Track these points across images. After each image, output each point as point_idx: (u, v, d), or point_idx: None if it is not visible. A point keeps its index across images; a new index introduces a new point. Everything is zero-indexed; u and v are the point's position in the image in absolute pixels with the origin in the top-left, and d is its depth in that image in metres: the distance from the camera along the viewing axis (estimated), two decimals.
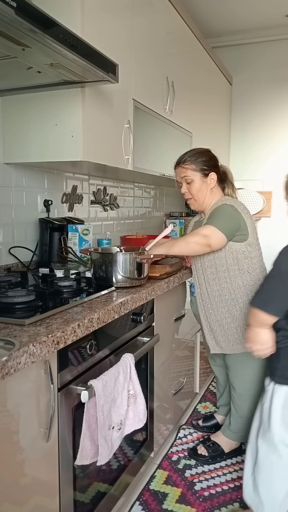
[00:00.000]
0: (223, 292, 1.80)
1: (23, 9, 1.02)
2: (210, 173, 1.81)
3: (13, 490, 0.98)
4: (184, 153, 1.87)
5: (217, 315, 1.84)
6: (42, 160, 1.73)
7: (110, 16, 1.78)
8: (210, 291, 1.84)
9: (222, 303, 1.81)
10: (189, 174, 1.82)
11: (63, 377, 1.15)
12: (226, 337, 1.84)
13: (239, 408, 1.93)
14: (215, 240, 1.66)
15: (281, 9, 3.30)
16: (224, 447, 1.99)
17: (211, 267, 1.81)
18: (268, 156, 3.92)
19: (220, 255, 1.77)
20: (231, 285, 1.78)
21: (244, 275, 1.77)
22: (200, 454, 1.98)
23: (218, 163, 1.87)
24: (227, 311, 1.81)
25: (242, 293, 1.78)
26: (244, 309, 1.78)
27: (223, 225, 1.68)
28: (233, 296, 1.79)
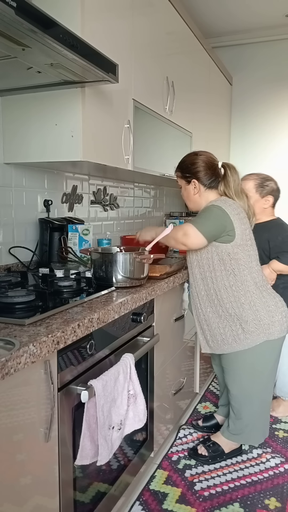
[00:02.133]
0: (209, 292, 1.82)
1: (23, 9, 1.02)
2: (192, 180, 1.83)
3: (13, 490, 0.98)
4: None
5: (205, 314, 1.86)
6: (42, 160, 1.73)
7: (110, 16, 1.78)
8: (198, 290, 1.86)
9: (209, 303, 1.83)
10: (178, 181, 1.92)
11: (63, 377, 1.15)
12: (214, 337, 1.85)
13: (236, 410, 1.93)
14: (192, 240, 1.68)
15: (281, 9, 3.30)
16: (224, 447, 1.99)
17: (198, 267, 1.83)
18: (268, 156, 3.91)
19: (207, 255, 1.78)
20: (217, 285, 1.79)
21: (230, 276, 1.76)
22: (200, 454, 1.97)
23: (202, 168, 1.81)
24: (214, 311, 1.82)
25: (227, 294, 1.77)
26: (230, 309, 1.78)
27: (205, 226, 1.69)
28: (219, 296, 1.79)
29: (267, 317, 1.77)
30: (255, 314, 1.76)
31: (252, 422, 1.92)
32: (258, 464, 1.96)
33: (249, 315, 1.76)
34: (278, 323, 1.79)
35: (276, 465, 1.96)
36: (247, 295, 1.76)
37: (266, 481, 1.85)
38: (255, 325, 1.76)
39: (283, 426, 2.31)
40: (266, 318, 1.77)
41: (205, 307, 1.85)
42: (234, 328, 1.79)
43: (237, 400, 1.91)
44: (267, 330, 1.77)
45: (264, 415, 1.94)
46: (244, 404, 1.89)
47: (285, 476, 1.88)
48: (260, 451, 2.06)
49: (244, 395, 1.88)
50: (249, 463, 1.98)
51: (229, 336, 1.80)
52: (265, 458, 2.01)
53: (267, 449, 2.08)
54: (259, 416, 1.92)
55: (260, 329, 1.76)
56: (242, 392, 1.88)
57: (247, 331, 1.76)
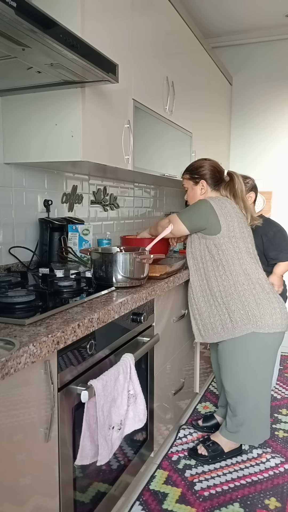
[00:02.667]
0: (202, 282, 1.95)
1: (23, 9, 1.02)
2: (200, 181, 2.00)
3: (13, 490, 0.98)
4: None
5: (197, 303, 1.98)
6: (42, 160, 1.73)
7: (110, 16, 1.78)
8: (192, 280, 1.99)
9: (201, 293, 1.96)
10: (185, 183, 2.08)
11: (63, 377, 1.15)
12: (205, 326, 1.96)
13: (232, 407, 1.95)
14: (174, 227, 1.90)
15: (281, 9, 3.30)
16: (224, 447, 1.99)
17: (193, 259, 1.98)
18: (268, 156, 3.91)
19: (199, 247, 1.94)
20: (208, 275, 1.92)
21: (219, 267, 1.89)
22: (200, 454, 1.98)
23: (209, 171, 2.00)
24: (206, 300, 1.95)
25: (217, 283, 1.89)
26: (219, 298, 1.89)
27: (186, 216, 1.91)
28: (209, 285, 1.92)
29: (255, 309, 1.83)
30: (243, 304, 1.84)
31: (248, 420, 1.93)
32: (258, 464, 1.96)
33: (237, 305, 1.84)
34: (269, 317, 1.82)
35: (276, 465, 1.96)
36: (236, 285, 1.85)
37: (266, 481, 1.85)
38: (241, 315, 1.83)
39: (283, 426, 2.31)
40: (255, 310, 1.83)
41: (198, 296, 1.97)
42: (223, 318, 1.89)
43: (232, 397, 1.94)
44: (254, 322, 1.82)
45: (261, 413, 1.94)
46: (239, 401, 1.92)
47: (285, 476, 1.89)
48: (260, 451, 2.06)
49: (238, 392, 1.91)
50: (249, 463, 1.98)
51: (218, 325, 1.90)
52: (265, 458, 2.01)
53: (267, 449, 2.08)
54: (254, 414, 1.93)
55: (246, 319, 1.83)
56: (236, 389, 1.92)
57: (234, 320, 1.84)
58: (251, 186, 2.39)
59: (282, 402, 2.59)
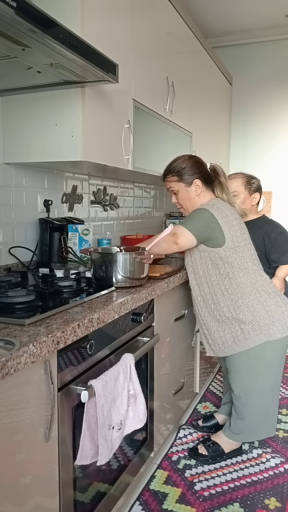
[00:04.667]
0: (206, 297, 1.83)
1: (23, 9, 1.02)
2: (194, 181, 1.82)
3: (13, 490, 0.98)
4: (168, 164, 1.87)
5: (204, 319, 1.87)
6: (42, 160, 1.73)
7: (110, 16, 1.78)
8: (195, 296, 1.88)
9: (206, 308, 1.85)
10: (173, 185, 1.85)
11: (63, 377, 1.15)
12: (214, 341, 1.86)
13: (239, 410, 1.93)
14: (182, 238, 1.69)
15: (281, 9, 3.30)
16: (224, 447, 1.98)
17: (193, 273, 1.85)
18: (268, 156, 3.92)
19: (201, 261, 1.80)
20: (213, 289, 1.80)
21: (225, 280, 1.77)
22: (201, 454, 1.98)
23: (203, 167, 1.84)
24: (212, 315, 1.83)
25: (224, 298, 1.78)
26: (227, 313, 1.78)
27: (192, 225, 1.71)
28: (215, 300, 1.80)
29: (266, 318, 1.76)
30: (253, 315, 1.76)
31: (253, 423, 1.92)
32: (258, 464, 1.96)
33: (247, 317, 1.76)
34: (279, 322, 1.78)
35: (276, 465, 1.96)
36: (244, 297, 1.76)
37: (266, 481, 1.85)
38: (253, 326, 1.76)
39: (283, 426, 2.31)
40: (266, 319, 1.76)
41: (203, 312, 1.86)
42: (233, 330, 1.79)
43: (239, 400, 1.91)
44: (267, 331, 1.76)
45: (267, 415, 1.93)
46: (246, 404, 1.89)
47: (285, 476, 1.88)
48: (260, 451, 2.06)
49: (246, 395, 1.88)
50: (249, 463, 1.98)
51: (229, 339, 1.81)
52: (265, 458, 2.01)
53: (267, 449, 2.08)
54: (261, 417, 1.92)
55: (259, 329, 1.76)
56: (244, 393, 1.88)
57: (246, 332, 1.77)
58: (257, 187, 2.34)
59: (282, 402, 2.59)
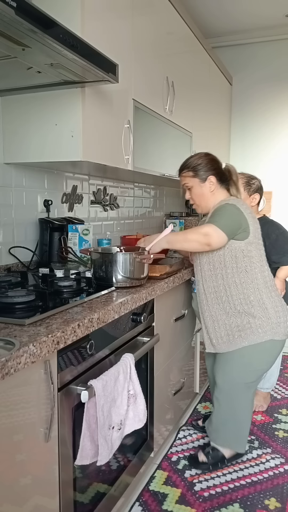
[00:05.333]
0: (218, 288, 1.81)
1: (23, 9, 1.02)
2: (208, 177, 1.82)
3: (13, 490, 0.98)
4: (184, 160, 1.89)
5: (211, 311, 1.84)
6: (42, 160, 1.73)
7: (110, 16, 1.78)
8: (206, 287, 1.84)
9: (217, 300, 1.82)
10: (188, 181, 1.85)
11: (63, 377, 1.15)
12: (219, 333, 1.84)
13: (217, 403, 1.90)
14: (215, 239, 1.65)
15: (281, 9, 3.30)
16: (225, 452, 1.93)
17: (208, 264, 1.81)
18: (268, 156, 3.91)
19: (218, 252, 1.77)
20: (227, 282, 1.78)
21: (241, 274, 1.76)
22: (201, 462, 1.92)
23: (218, 165, 1.86)
24: (221, 308, 1.81)
25: (237, 291, 1.77)
26: (238, 306, 1.78)
27: (224, 224, 1.68)
28: (228, 293, 1.79)
29: (275, 317, 1.77)
30: (264, 311, 1.76)
31: (231, 420, 1.88)
32: (258, 465, 1.96)
33: (258, 312, 1.76)
34: (284, 325, 1.79)
35: (276, 465, 1.96)
36: (256, 293, 1.77)
37: (266, 481, 1.85)
38: (263, 321, 1.76)
39: (283, 426, 2.31)
40: (274, 318, 1.77)
41: (212, 304, 1.84)
42: (240, 324, 1.78)
43: (221, 391, 1.88)
44: (274, 329, 1.76)
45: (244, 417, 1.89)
46: (227, 397, 1.86)
47: (285, 476, 1.88)
48: (260, 452, 2.06)
49: (230, 387, 1.85)
50: (249, 463, 1.98)
51: (235, 332, 1.79)
52: (265, 458, 2.01)
53: (267, 449, 2.08)
54: (239, 415, 1.87)
55: (268, 326, 1.76)
56: (229, 384, 1.86)
57: (254, 326, 1.76)
58: (256, 187, 2.34)
59: (282, 402, 2.59)
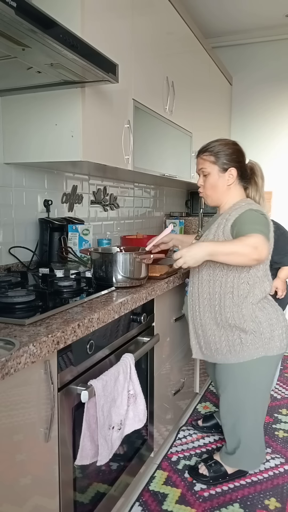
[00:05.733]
0: (213, 296, 1.67)
1: (23, 9, 1.02)
2: (230, 168, 1.65)
3: (13, 490, 0.98)
4: (208, 142, 1.70)
5: (202, 319, 1.72)
6: (42, 160, 1.73)
7: (110, 16, 1.78)
8: (201, 292, 1.71)
9: (209, 308, 1.69)
10: (207, 166, 1.67)
11: (63, 377, 1.15)
12: (208, 344, 1.73)
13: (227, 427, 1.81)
14: (265, 254, 1.45)
15: (281, 9, 3.30)
16: (227, 468, 1.85)
17: (208, 268, 1.68)
18: (268, 156, 3.91)
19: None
20: (224, 291, 1.64)
21: (241, 285, 1.62)
22: (201, 474, 1.85)
23: (243, 159, 1.71)
24: (213, 317, 1.68)
25: (232, 303, 1.63)
26: (230, 319, 1.63)
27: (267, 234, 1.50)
28: (222, 303, 1.64)
29: (268, 331, 1.64)
30: (257, 326, 1.63)
31: (244, 442, 1.79)
32: None
33: (250, 326, 1.63)
34: (278, 338, 1.66)
35: (276, 465, 1.96)
36: (249, 306, 1.63)
37: (266, 481, 1.85)
38: (254, 338, 1.64)
39: (283, 426, 2.31)
40: (267, 332, 1.64)
41: (204, 311, 1.71)
42: (231, 339, 1.66)
43: (227, 416, 1.80)
44: (266, 345, 1.65)
45: (258, 435, 1.81)
46: (235, 421, 1.77)
47: (285, 476, 1.88)
48: None
49: (235, 411, 1.76)
50: None
51: (224, 347, 1.67)
52: (265, 458, 2.01)
53: (267, 449, 2.08)
54: (253, 435, 1.79)
55: (259, 342, 1.64)
56: (233, 408, 1.77)
57: (245, 343, 1.64)
58: None
59: (282, 402, 2.59)
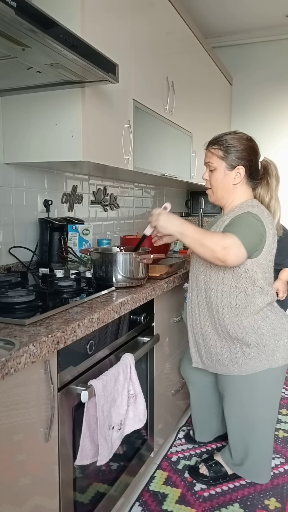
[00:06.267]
0: (211, 305, 1.58)
1: (23, 9, 1.02)
2: (238, 166, 1.54)
3: (12, 490, 0.98)
4: (221, 133, 1.60)
5: (203, 328, 1.64)
6: (42, 160, 1.73)
7: (110, 16, 1.78)
8: (200, 300, 1.62)
9: (209, 317, 1.61)
10: (214, 161, 1.57)
11: (63, 377, 1.15)
12: (209, 354, 1.65)
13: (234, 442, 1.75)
14: (233, 258, 1.37)
15: (281, 9, 3.29)
16: (228, 469, 1.84)
17: (205, 275, 1.59)
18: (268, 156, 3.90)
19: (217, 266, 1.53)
20: (221, 301, 1.55)
21: (239, 295, 1.52)
22: (202, 474, 1.83)
23: (255, 157, 1.60)
24: (213, 327, 1.60)
25: (230, 314, 1.54)
26: (230, 331, 1.55)
27: (247, 239, 1.40)
28: (220, 314, 1.56)
29: (272, 342, 1.56)
30: (260, 338, 1.55)
31: (253, 454, 1.72)
32: None
33: (252, 339, 1.54)
34: (283, 348, 1.57)
35: (276, 465, 1.96)
36: (250, 317, 1.54)
37: None
38: (258, 351, 1.55)
39: (283, 426, 2.31)
40: (271, 343, 1.56)
41: (205, 320, 1.62)
42: (233, 351, 1.58)
43: (234, 429, 1.73)
44: (270, 357, 1.56)
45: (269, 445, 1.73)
46: (245, 435, 1.70)
47: (285, 476, 1.88)
48: None
49: (243, 424, 1.69)
50: None
51: (226, 358, 1.59)
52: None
53: None
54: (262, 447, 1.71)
55: (262, 355, 1.56)
56: (240, 421, 1.69)
57: (248, 356, 1.56)
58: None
59: (282, 402, 2.59)
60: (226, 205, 1.64)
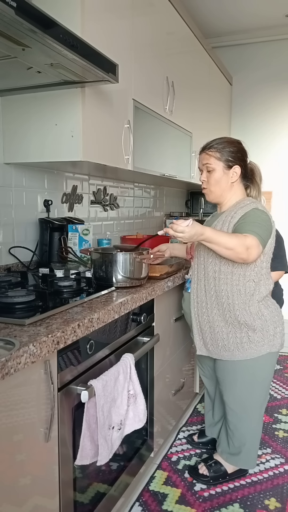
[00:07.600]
0: (220, 293, 1.67)
1: (23, 9, 1.02)
2: (234, 166, 1.68)
3: (12, 490, 0.98)
4: (213, 139, 1.73)
5: (210, 315, 1.72)
6: (42, 160, 1.73)
7: (110, 16, 1.78)
8: (207, 289, 1.70)
9: (217, 305, 1.69)
10: (212, 162, 1.68)
11: (63, 377, 1.15)
12: (215, 341, 1.72)
13: (233, 425, 1.80)
14: (255, 256, 1.50)
15: (281, 9, 3.29)
16: (227, 467, 1.86)
17: (214, 265, 1.67)
18: (268, 156, 3.91)
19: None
20: (231, 289, 1.65)
21: (248, 283, 1.65)
22: (201, 474, 1.85)
23: (246, 158, 1.75)
24: (221, 314, 1.69)
25: (240, 300, 1.65)
26: (239, 317, 1.65)
27: (265, 238, 1.56)
28: (230, 300, 1.66)
29: (272, 328, 1.69)
30: (264, 323, 1.67)
31: (250, 440, 1.80)
32: (258, 465, 1.96)
33: (258, 325, 1.66)
34: (279, 335, 1.71)
35: (276, 465, 1.96)
36: (255, 304, 1.66)
37: (266, 481, 1.85)
38: (261, 335, 1.67)
39: (283, 426, 2.31)
40: (271, 329, 1.68)
41: (212, 308, 1.70)
42: (238, 336, 1.67)
43: (234, 414, 1.79)
44: (271, 342, 1.68)
45: (259, 432, 1.83)
46: (242, 418, 1.78)
47: (285, 476, 1.88)
48: (260, 452, 2.06)
49: (242, 408, 1.77)
50: None
51: (232, 343, 1.68)
52: (265, 458, 2.01)
53: (267, 449, 2.08)
54: (256, 434, 1.81)
55: (265, 339, 1.67)
56: (240, 405, 1.77)
57: (253, 340, 1.67)
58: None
59: (282, 402, 2.59)
60: (224, 202, 1.75)
